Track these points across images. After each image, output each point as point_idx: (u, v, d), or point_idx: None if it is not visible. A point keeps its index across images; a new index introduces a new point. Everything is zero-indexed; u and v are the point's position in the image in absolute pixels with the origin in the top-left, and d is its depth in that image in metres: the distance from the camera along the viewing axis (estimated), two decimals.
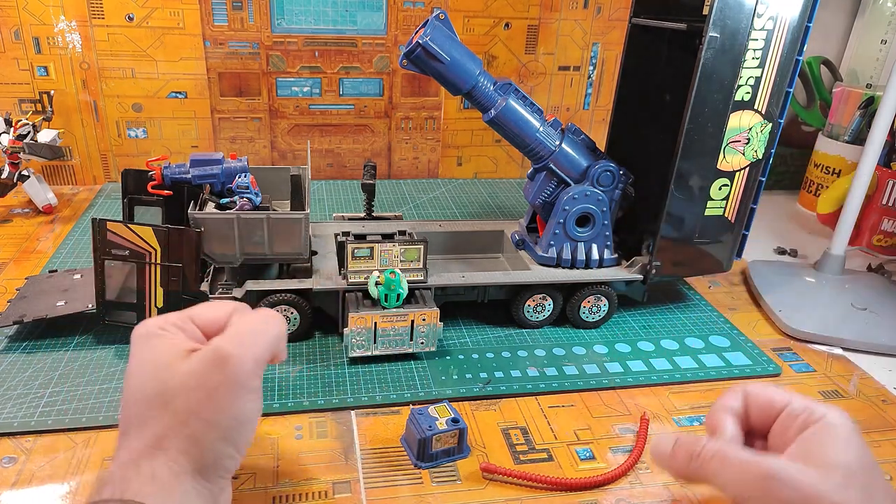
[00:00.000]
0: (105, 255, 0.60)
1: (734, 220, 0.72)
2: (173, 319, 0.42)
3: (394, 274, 0.62)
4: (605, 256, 0.72)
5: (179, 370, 0.39)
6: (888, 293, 0.82)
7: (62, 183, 1.07)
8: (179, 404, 0.38)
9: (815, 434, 0.38)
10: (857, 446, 0.37)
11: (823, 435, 0.38)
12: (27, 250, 0.84)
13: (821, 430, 0.38)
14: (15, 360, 0.61)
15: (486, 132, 1.18)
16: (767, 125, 0.68)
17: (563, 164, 0.71)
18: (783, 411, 0.40)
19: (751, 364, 0.68)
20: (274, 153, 1.13)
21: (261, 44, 1.05)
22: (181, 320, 0.42)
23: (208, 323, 0.43)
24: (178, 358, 0.39)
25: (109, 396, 0.57)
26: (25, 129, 0.90)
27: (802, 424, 0.39)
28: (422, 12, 1.08)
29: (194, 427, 0.37)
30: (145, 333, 0.41)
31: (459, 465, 0.52)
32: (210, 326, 0.43)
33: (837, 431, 0.38)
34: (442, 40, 0.64)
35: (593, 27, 1.15)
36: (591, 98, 1.20)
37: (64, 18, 0.97)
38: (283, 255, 0.65)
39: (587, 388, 0.63)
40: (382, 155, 1.17)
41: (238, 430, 0.39)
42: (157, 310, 0.62)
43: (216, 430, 0.38)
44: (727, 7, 0.61)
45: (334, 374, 0.62)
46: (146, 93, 1.04)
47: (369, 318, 0.61)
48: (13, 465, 0.49)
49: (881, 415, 0.62)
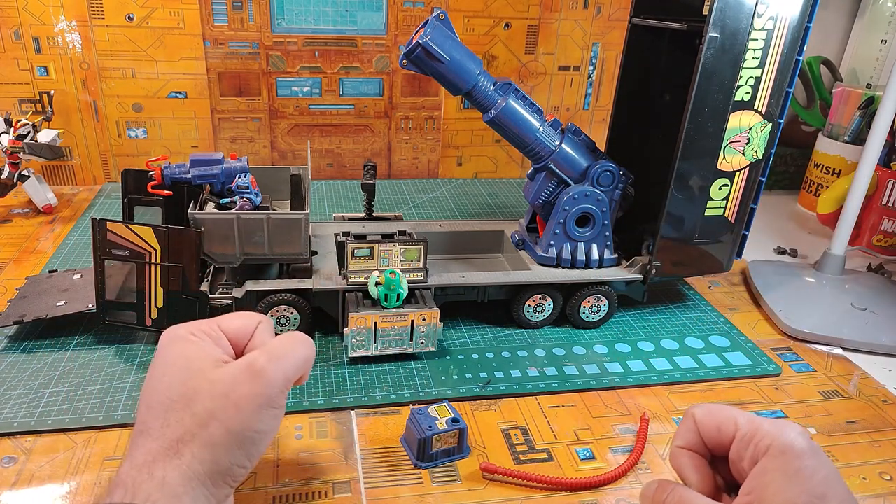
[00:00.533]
0: (105, 255, 0.60)
1: (734, 220, 0.72)
2: (203, 327, 0.43)
3: (394, 274, 0.62)
4: (605, 256, 0.72)
5: (208, 377, 0.39)
6: (888, 293, 0.82)
7: (62, 183, 1.07)
8: (203, 409, 0.38)
9: (762, 472, 0.36)
10: (808, 476, 0.35)
11: (769, 472, 0.36)
12: (27, 250, 0.84)
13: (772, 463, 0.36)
14: (15, 360, 0.61)
15: (486, 132, 1.18)
16: (767, 125, 0.68)
17: (563, 164, 0.71)
18: (734, 439, 0.39)
19: (751, 364, 0.68)
20: (274, 153, 1.13)
21: (261, 44, 1.05)
22: (211, 328, 0.43)
23: (236, 333, 0.44)
24: (208, 365, 0.40)
25: (109, 396, 0.57)
26: (25, 129, 0.90)
27: (752, 457, 0.37)
28: (422, 12, 1.08)
29: (214, 433, 0.38)
30: (175, 338, 0.42)
31: (459, 465, 0.52)
32: (238, 337, 0.44)
33: (789, 464, 0.35)
34: (442, 40, 0.64)
35: (593, 27, 1.15)
36: (591, 98, 1.20)
37: (64, 18, 0.97)
38: (283, 255, 0.65)
39: (587, 388, 0.63)
40: (382, 155, 1.17)
41: (256, 442, 0.40)
42: (157, 310, 0.62)
43: (235, 440, 0.38)
44: (727, 7, 0.61)
45: (334, 374, 0.62)
46: (146, 93, 1.04)
47: (369, 318, 0.61)
48: (13, 465, 0.49)
49: (881, 415, 0.62)
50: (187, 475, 0.36)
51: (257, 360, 0.40)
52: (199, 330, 0.43)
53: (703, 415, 0.41)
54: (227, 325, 0.44)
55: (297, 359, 0.43)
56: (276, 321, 0.65)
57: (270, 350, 0.42)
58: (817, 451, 0.36)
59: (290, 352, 0.43)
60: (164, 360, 0.41)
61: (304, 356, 0.43)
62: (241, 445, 0.39)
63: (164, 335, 0.42)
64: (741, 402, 0.63)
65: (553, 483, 0.50)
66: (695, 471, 0.40)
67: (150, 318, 0.63)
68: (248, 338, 0.44)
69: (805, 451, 0.36)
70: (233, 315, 0.46)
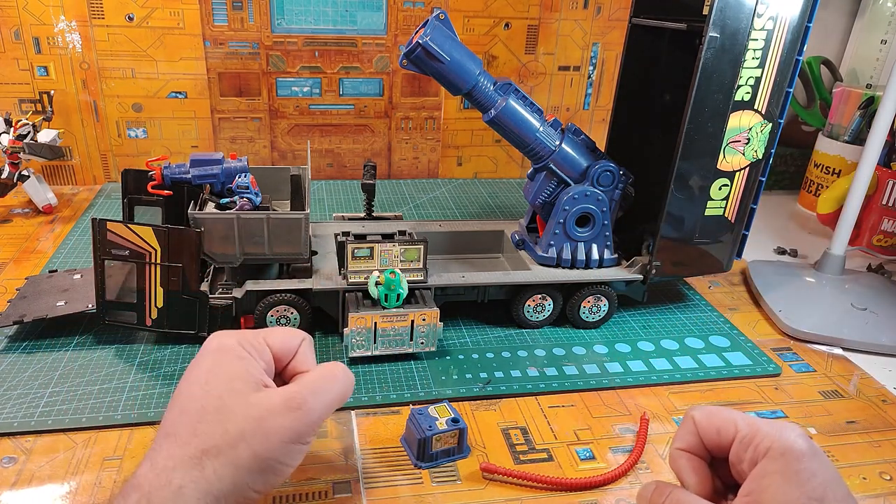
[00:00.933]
0: (105, 255, 0.60)
1: (734, 220, 0.72)
2: (252, 341, 0.44)
3: (394, 274, 0.62)
4: (605, 256, 0.72)
5: (248, 398, 0.40)
6: (888, 293, 0.82)
7: (62, 183, 1.07)
8: (235, 429, 0.38)
9: (761, 474, 0.36)
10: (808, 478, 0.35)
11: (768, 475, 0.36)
12: (27, 250, 0.84)
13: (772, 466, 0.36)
14: (15, 360, 0.61)
15: (486, 132, 1.18)
16: (767, 125, 0.68)
17: (563, 164, 0.71)
18: (734, 441, 0.39)
19: (751, 364, 0.68)
20: (274, 153, 1.13)
21: (261, 44, 1.05)
22: (259, 345, 0.44)
23: (280, 349, 0.45)
24: (250, 387, 0.40)
25: (109, 396, 0.57)
26: (25, 129, 0.90)
27: (752, 459, 0.37)
28: (422, 12, 1.08)
29: (241, 454, 0.38)
30: (223, 347, 0.42)
31: (459, 465, 0.52)
32: (281, 353, 0.45)
33: (788, 466, 0.35)
34: (442, 40, 0.64)
35: (593, 27, 1.15)
36: (591, 98, 1.20)
37: (64, 18, 0.97)
38: (283, 255, 0.65)
39: (587, 388, 0.63)
40: (382, 155, 1.17)
41: (276, 473, 0.40)
42: (157, 310, 0.62)
43: (258, 465, 0.38)
44: (727, 7, 0.61)
45: None
46: (146, 93, 1.04)
47: (369, 318, 0.61)
48: (13, 465, 0.49)
49: (881, 415, 0.62)
50: (204, 489, 0.36)
51: (297, 395, 0.41)
52: (248, 344, 0.43)
53: (703, 417, 0.41)
54: (272, 340, 0.45)
55: (335, 397, 0.43)
56: (276, 321, 0.65)
57: (312, 387, 0.42)
58: (817, 453, 0.36)
59: (329, 390, 0.43)
60: (208, 368, 0.41)
61: (341, 394, 0.44)
62: (263, 472, 0.39)
63: (212, 340, 0.43)
64: (741, 402, 0.63)
65: (553, 483, 0.50)
66: (693, 473, 0.40)
67: (150, 318, 0.63)
68: (291, 354, 0.45)
69: (805, 452, 0.36)
70: (280, 331, 0.46)
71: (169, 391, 0.58)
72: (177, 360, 0.62)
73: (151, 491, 0.35)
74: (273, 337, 0.45)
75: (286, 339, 0.45)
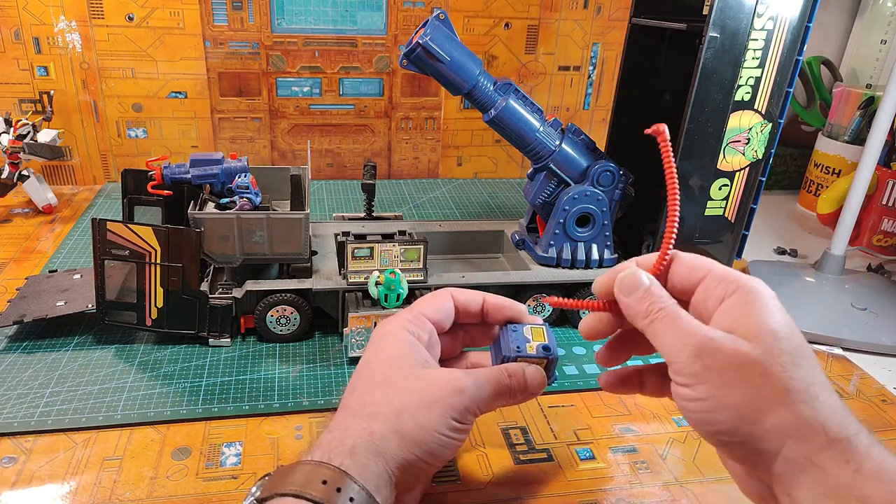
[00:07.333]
0: (105, 255, 0.60)
1: (734, 220, 0.72)
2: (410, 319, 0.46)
3: (394, 274, 0.62)
4: (605, 256, 0.72)
5: (412, 372, 0.43)
6: (888, 293, 0.82)
7: (62, 183, 1.07)
8: (400, 400, 0.41)
9: (738, 302, 0.37)
10: (778, 311, 0.37)
11: (746, 302, 0.37)
12: (27, 250, 0.84)
13: (743, 298, 0.37)
14: (15, 360, 0.61)
15: (486, 132, 1.18)
16: (767, 125, 0.68)
17: (563, 164, 0.71)
18: (705, 278, 0.40)
19: None
20: (274, 153, 1.13)
21: (261, 44, 1.05)
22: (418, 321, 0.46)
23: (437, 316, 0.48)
24: (414, 363, 0.44)
25: (109, 396, 0.57)
26: (25, 129, 0.90)
27: (723, 292, 0.38)
28: (422, 12, 1.08)
29: (405, 424, 0.40)
30: (386, 333, 0.46)
31: (459, 465, 0.52)
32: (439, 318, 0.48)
33: (759, 298, 0.37)
34: (442, 40, 0.64)
35: (593, 27, 1.15)
36: (591, 98, 1.20)
37: (64, 18, 0.97)
38: (283, 255, 0.65)
39: (587, 388, 0.63)
40: (382, 155, 1.17)
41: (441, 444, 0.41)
42: (157, 310, 0.62)
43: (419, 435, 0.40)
44: (727, 7, 0.61)
45: (334, 374, 0.62)
46: (146, 93, 1.04)
47: (369, 318, 0.61)
48: (13, 465, 0.49)
49: (881, 415, 0.62)
50: (373, 450, 0.39)
51: (462, 380, 0.42)
52: (408, 323, 0.46)
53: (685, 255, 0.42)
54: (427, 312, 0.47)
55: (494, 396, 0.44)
56: (275, 321, 0.65)
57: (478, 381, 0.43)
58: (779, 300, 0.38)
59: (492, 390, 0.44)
60: (373, 352, 0.45)
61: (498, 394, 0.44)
62: (426, 443, 0.40)
63: (377, 329, 0.47)
64: None
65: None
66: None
67: (149, 318, 0.63)
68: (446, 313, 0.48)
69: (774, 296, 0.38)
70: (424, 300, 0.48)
71: (169, 391, 0.58)
72: (177, 360, 0.62)
73: (331, 449, 0.39)
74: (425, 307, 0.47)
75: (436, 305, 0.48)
